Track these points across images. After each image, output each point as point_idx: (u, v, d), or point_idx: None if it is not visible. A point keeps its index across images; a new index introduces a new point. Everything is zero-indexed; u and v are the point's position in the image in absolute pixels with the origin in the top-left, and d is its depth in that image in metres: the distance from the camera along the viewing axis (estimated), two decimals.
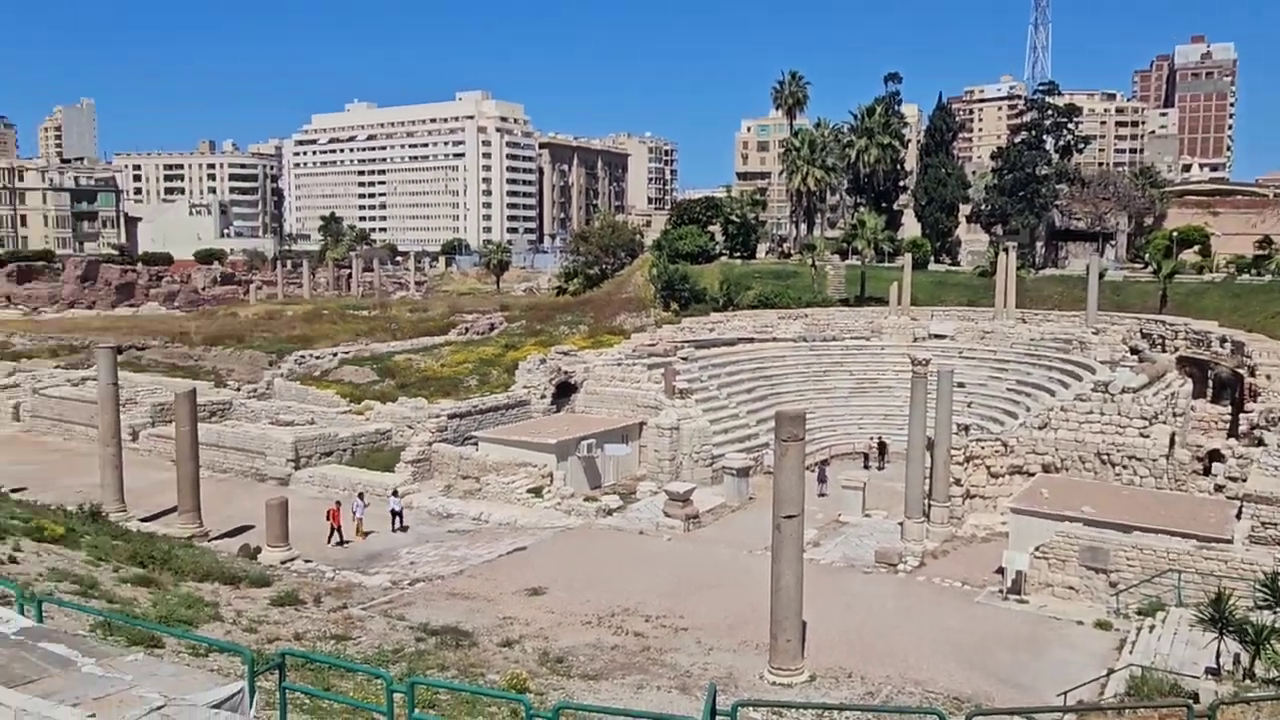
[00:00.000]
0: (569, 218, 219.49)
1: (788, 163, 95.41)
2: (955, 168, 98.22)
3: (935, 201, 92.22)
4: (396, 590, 27.37)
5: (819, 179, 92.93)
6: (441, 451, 42.23)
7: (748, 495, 40.24)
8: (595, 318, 72.27)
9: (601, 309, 75.28)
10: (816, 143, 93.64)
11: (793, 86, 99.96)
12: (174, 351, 67.36)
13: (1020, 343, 55.81)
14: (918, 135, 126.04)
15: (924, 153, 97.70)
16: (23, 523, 24.63)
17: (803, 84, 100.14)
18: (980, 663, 22.84)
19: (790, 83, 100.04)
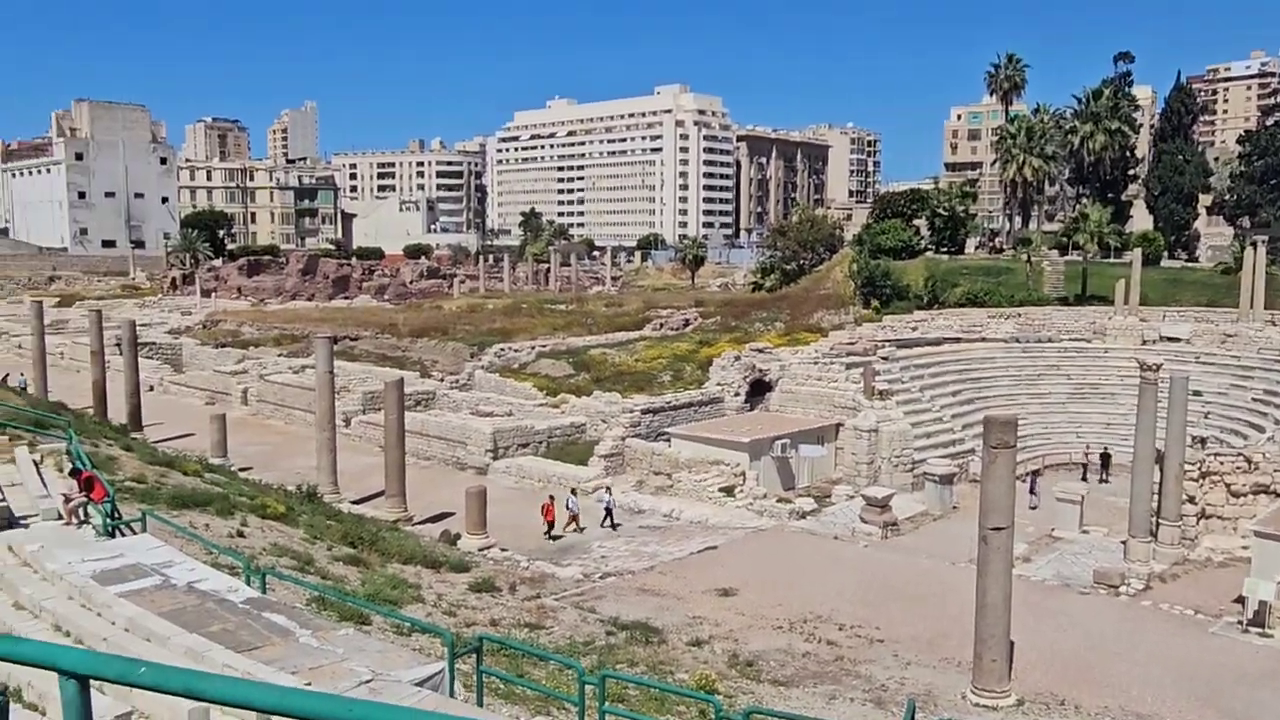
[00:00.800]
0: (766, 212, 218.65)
1: (1002, 152, 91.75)
2: (1195, 154, 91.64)
3: (1170, 191, 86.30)
4: (588, 583, 28.10)
5: (1036, 168, 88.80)
6: (634, 447, 43.05)
7: (950, 504, 39.19)
8: (791, 315, 71.73)
9: (798, 306, 74.61)
10: (1035, 130, 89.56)
11: (1009, 70, 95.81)
12: (383, 342, 71.37)
13: (1270, 348, 51.47)
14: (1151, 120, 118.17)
15: (1158, 138, 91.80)
16: (249, 500, 26.94)
17: (1020, 67, 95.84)
18: (1214, 700, 21.22)
19: (1006, 66, 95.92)
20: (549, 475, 40.96)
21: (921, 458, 43.97)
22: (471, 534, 32.29)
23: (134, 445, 32.88)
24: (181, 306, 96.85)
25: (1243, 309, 58.50)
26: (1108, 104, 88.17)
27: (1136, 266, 64.39)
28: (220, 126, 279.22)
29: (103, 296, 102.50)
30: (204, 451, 39.89)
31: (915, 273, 76.15)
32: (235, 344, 73.08)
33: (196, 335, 76.95)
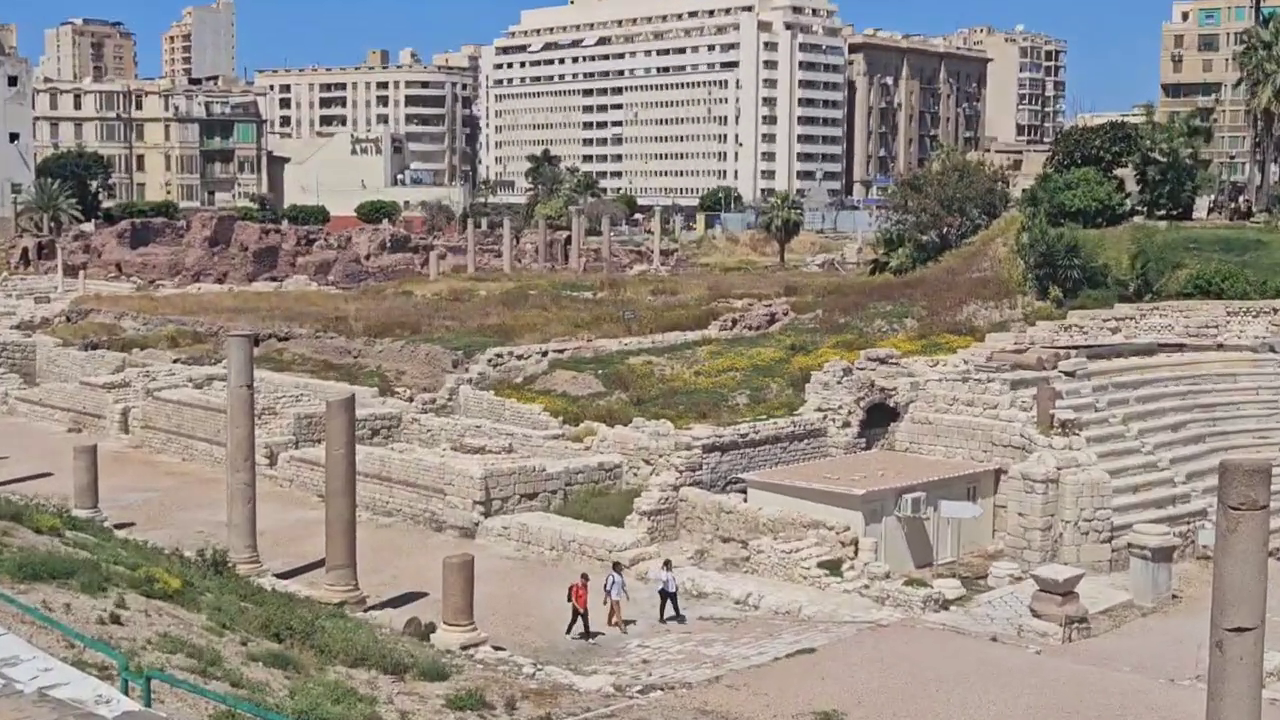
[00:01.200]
0: (893, 156, 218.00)
1: (1250, 68, 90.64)
2: None
3: None
4: (622, 699, 27.92)
5: None
6: (692, 500, 42.78)
7: (1168, 591, 38.60)
8: (930, 308, 71.19)
9: (940, 295, 74.03)
10: None
11: None
12: (327, 344, 71.27)
13: None
14: None
15: None
16: (129, 570, 27.10)
17: None
18: None
19: None
20: (566, 540, 40.81)
21: (1124, 521, 43.28)
22: (451, 625, 32.14)
23: None
24: (36, 290, 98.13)
25: None
26: None
27: None
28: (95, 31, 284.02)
29: None
30: (65, 499, 40.17)
31: (1118, 247, 75.35)
32: (113, 345, 73.39)
33: (57, 332, 77.67)
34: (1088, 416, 49.64)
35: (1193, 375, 55.19)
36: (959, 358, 54.26)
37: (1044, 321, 62.52)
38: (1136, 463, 48.44)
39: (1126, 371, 54.14)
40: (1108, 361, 54.31)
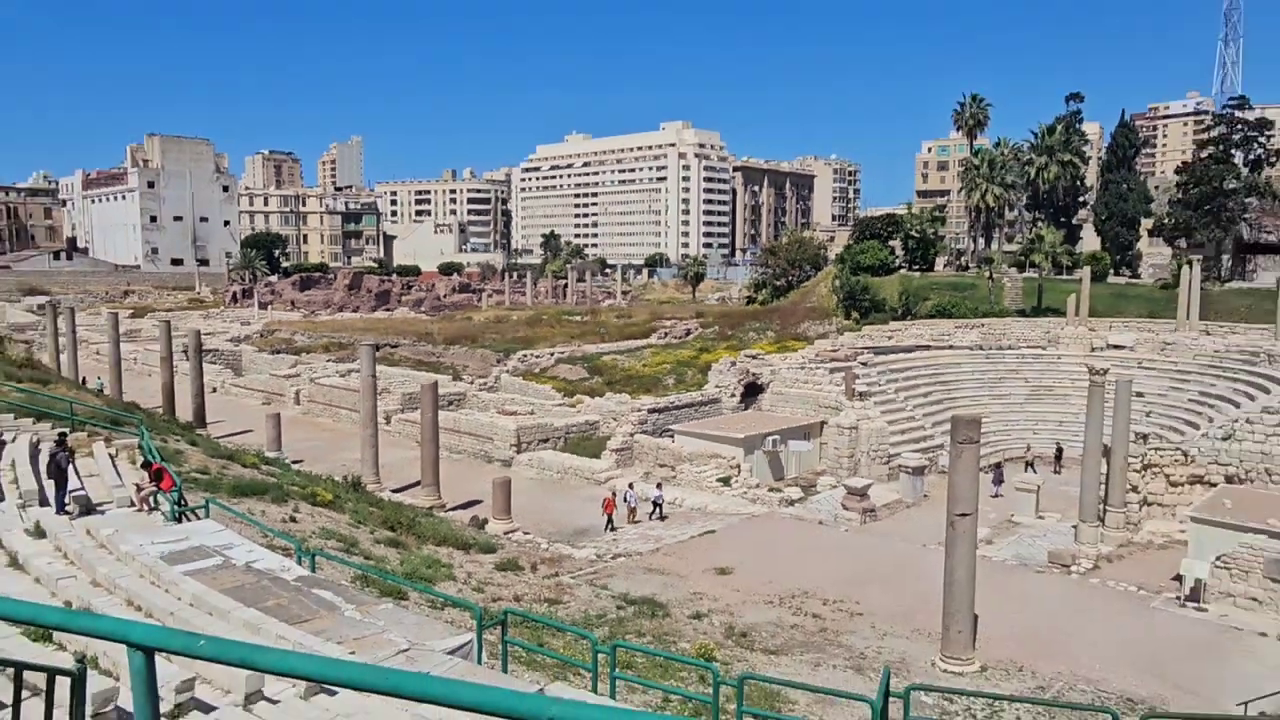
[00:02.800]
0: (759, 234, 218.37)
1: (967, 181, 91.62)
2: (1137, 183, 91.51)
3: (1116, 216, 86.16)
4: (601, 563, 28.07)
5: (998, 195, 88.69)
6: (641, 442, 43.03)
7: (922, 493, 39.07)
8: (781, 325, 71.70)
9: (787, 317, 74.57)
10: (996, 161, 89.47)
11: (973, 108, 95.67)
12: (420, 349, 71.46)
13: (1203, 355, 51.24)
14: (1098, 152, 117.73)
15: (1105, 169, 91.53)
16: (300, 489, 26.97)
17: (983, 105, 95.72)
18: (1155, 667, 21.10)
19: (971, 104, 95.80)
20: (566, 467, 40.94)
21: (896, 452, 43.76)
22: (497, 519, 32.28)
23: (199, 441, 32.97)
24: (241, 318, 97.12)
25: (1180, 320, 58.20)
26: (1060, 138, 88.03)
27: (1086, 282, 64.18)
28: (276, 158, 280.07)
29: (171, 309, 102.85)
30: (261, 446, 39.93)
31: (891, 288, 76.06)
32: (289, 350, 73.21)
33: (254, 343, 77.13)
34: (874, 389, 50.17)
35: (935, 364, 55.65)
36: (799, 355, 54.65)
37: (849, 333, 63.16)
38: (903, 416, 49.02)
39: (896, 361, 54.58)
40: (886, 356, 54.79)
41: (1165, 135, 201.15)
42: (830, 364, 51.35)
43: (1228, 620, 24.44)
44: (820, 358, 52.73)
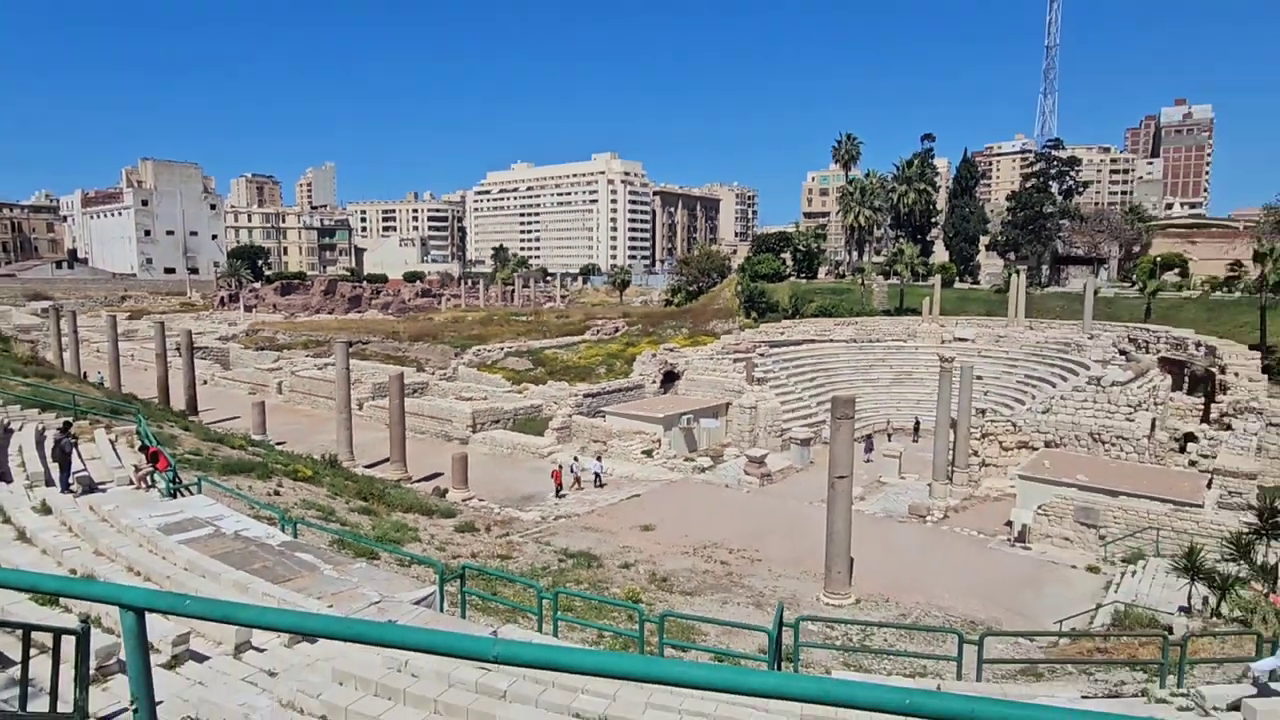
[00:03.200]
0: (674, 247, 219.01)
1: (844, 204, 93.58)
2: (977, 208, 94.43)
3: (960, 234, 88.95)
4: (545, 524, 27.89)
5: (868, 217, 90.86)
6: (578, 421, 42.85)
7: (809, 460, 39.66)
8: (694, 323, 72.15)
9: (698, 317, 75.09)
10: (867, 189, 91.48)
11: (848, 145, 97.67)
12: (388, 345, 69.71)
13: (1028, 345, 53.33)
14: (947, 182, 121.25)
15: (952, 196, 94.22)
16: (283, 466, 26.07)
17: (856, 143, 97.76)
18: (991, 595, 21.99)
19: (846, 142, 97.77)
20: (515, 444, 40.50)
21: (788, 427, 44.40)
22: (456, 489, 31.78)
23: (191, 426, 31.57)
24: (229, 319, 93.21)
25: (1010, 318, 60.17)
26: (917, 171, 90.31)
27: (937, 288, 66.02)
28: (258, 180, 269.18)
29: (165, 312, 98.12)
30: (248, 430, 38.49)
31: (783, 292, 77.18)
32: (272, 347, 70.60)
33: (241, 341, 74.11)
34: (770, 375, 50.82)
35: (819, 354, 56.44)
36: (708, 348, 54.95)
37: (749, 329, 63.75)
38: (793, 397, 49.68)
39: (788, 352, 55.20)
40: (779, 348, 55.44)
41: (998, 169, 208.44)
42: (734, 355, 51.85)
43: (1046, 556, 25.60)
44: (726, 350, 53.22)
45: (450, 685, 8.39)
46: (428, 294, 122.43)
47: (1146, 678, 14.28)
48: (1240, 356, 42.51)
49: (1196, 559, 19.68)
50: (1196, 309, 61.69)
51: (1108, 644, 16.83)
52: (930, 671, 15.55)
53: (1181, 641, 14.44)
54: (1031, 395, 45.68)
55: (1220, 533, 23.34)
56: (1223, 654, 15.65)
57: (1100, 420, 35.72)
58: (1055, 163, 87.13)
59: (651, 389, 49.81)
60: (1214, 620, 18.37)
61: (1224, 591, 18.82)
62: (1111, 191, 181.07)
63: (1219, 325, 55.39)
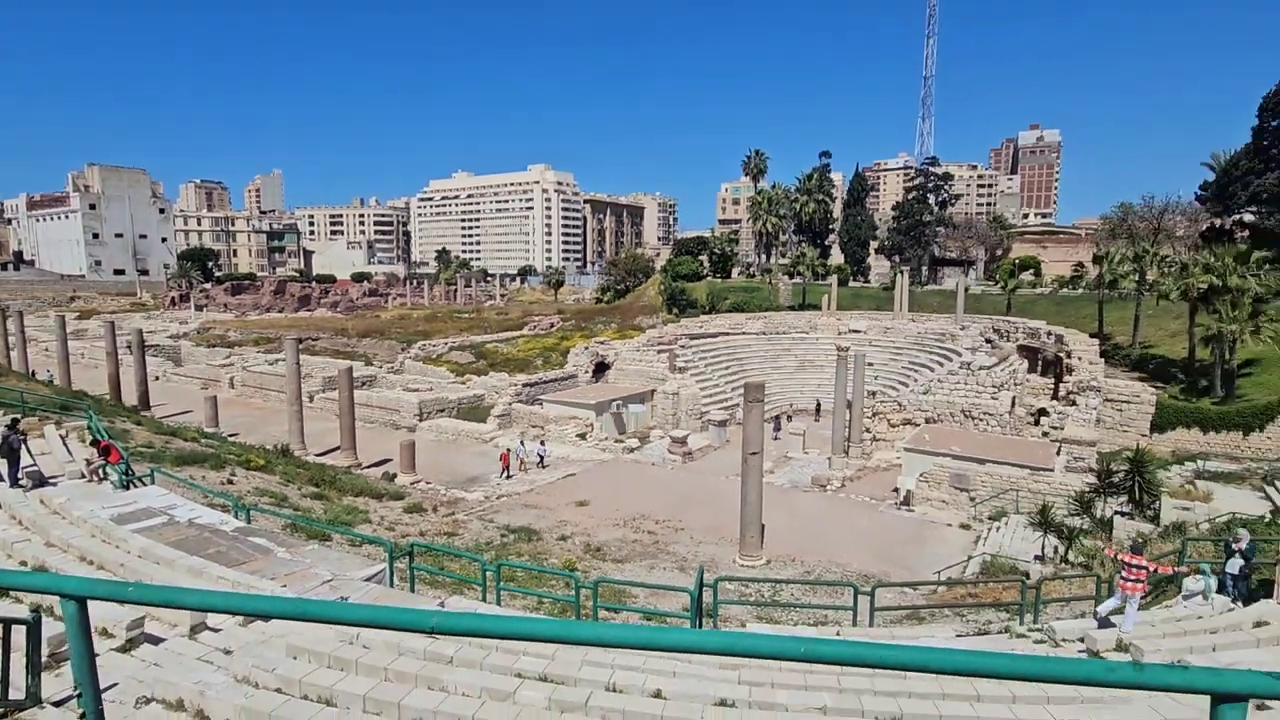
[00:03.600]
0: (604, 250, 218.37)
1: (753, 213, 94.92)
2: (867, 216, 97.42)
3: (854, 239, 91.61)
4: (488, 503, 27.51)
5: (775, 224, 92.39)
6: (518, 409, 42.34)
7: (725, 439, 40.09)
8: (622, 319, 72.20)
9: (626, 313, 75.19)
10: (773, 199, 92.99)
11: (757, 160, 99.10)
12: (337, 342, 67.32)
13: (911, 336, 55.29)
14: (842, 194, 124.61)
15: (846, 206, 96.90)
16: (236, 457, 24.88)
17: (764, 158, 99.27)
18: (881, 552, 22.84)
19: (755, 157, 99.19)
20: (459, 431, 39.73)
21: (706, 410, 44.79)
22: (404, 473, 30.99)
23: (144, 421, 29.76)
24: (179, 318, 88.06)
25: (896, 312, 62.11)
26: (816, 183, 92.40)
27: (834, 286, 67.82)
28: (207, 186, 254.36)
29: (115, 311, 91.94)
30: (200, 424, 36.50)
31: (701, 290, 77.95)
32: (223, 345, 67.11)
33: (193, 339, 70.14)
34: (690, 364, 51.20)
35: (733, 345, 56.99)
36: (635, 340, 54.97)
37: (671, 324, 63.99)
38: (710, 384, 50.16)
39: (706, 344, 55.63)
40: (698, 340, 55.87)
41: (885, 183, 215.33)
42: (658, 347, 52.07)
43: (927, 517, 26.76)
44: (651, 343, 53.40)
45: (400, 654, 8.19)
46: (375, 293, 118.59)
47: (1009, 617, 15.13)
48: (1083, 343, 45.19)
49: (1048, 515, 20.95)
50: (1048, 304, 65.33)
51: (977, 589, 17.75)
52: (831, 620, 16.05)
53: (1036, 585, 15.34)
54: (914, 379, 47.33)
55: (1067, 492, 24.87)
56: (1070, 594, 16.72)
57: (970, 399, 37.44)
58: (932, 178, 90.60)
59: (584, 378, 49.62)
60: (1063, 566, 19.61)
61: (1070, 541, 20.08)
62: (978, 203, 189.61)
63: (1066, 317, 58.76)
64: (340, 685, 7.19)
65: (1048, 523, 20.73)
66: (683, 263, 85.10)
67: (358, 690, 7.06)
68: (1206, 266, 44.09)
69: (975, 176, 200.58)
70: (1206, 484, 25.16)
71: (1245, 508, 22.14)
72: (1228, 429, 36.77)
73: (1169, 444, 36.94)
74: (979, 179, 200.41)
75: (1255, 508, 22.31)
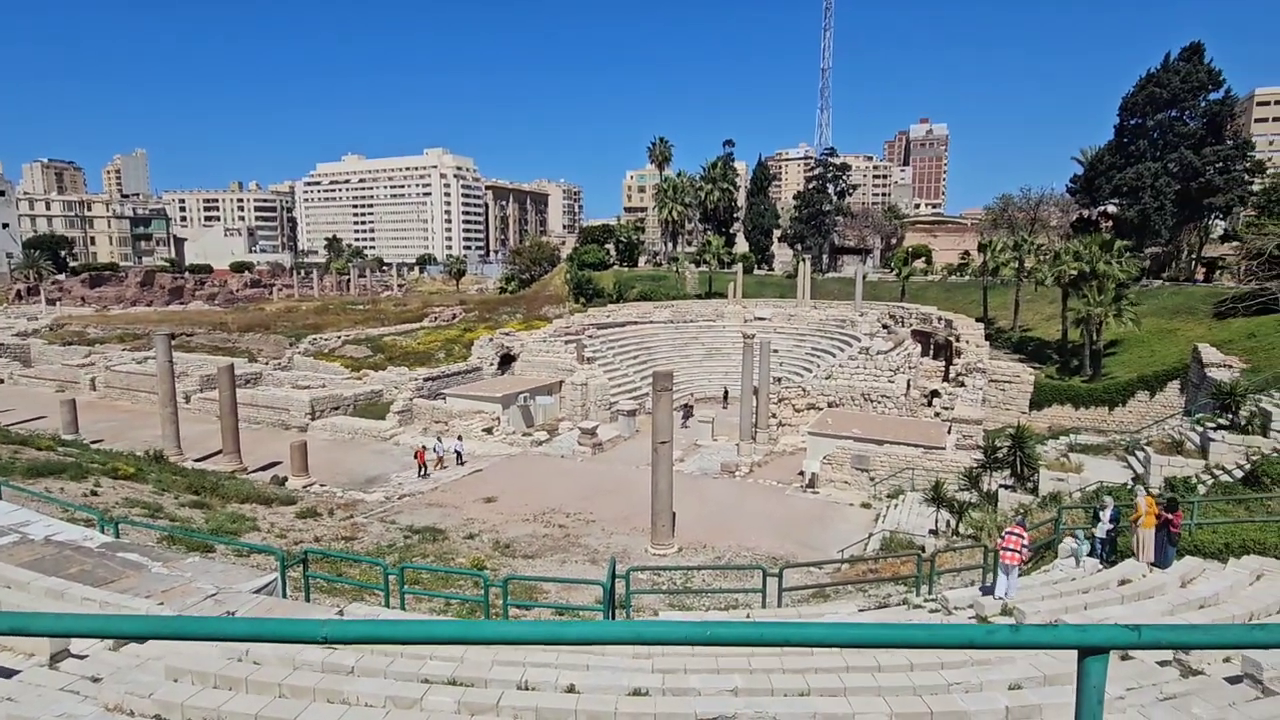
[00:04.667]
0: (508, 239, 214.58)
1: (659, 201, 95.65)
2: (770, 205, 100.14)
3: (758, 228, 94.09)
4: (390, 503, 26.60)
5: (680, 212, 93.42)
6: (419, 404, 41.11)
7: (634, 429, 40.39)
8: (527, 309, 71.28)
9: (531, 303, 74.27)
10: (678, 187, 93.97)
11: (661, 147, 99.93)
12: (216, 337, 62.95)
13: (813, 322, 57.39)
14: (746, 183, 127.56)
15: (750, 195, 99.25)
16: (101, 465, 22.91)
17: (668, 146, 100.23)
18: (789, 533, 23.68)
19: (660, 145, 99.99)
20: (356, 429, 38.13)
21: (615, 400, 44.93)
22: (296, 476, 29.40)
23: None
24: (28, 314, 79.72)
25: (799, 299, 64.27)
26: (720, 172, 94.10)
27: (739, 274, 69.42)
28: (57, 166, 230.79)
29: None
30: (57, 430, 33.29)
31: (608, 279, 77.98)
32: (82, 342, 61.28)
33: (44, 336, 63.69)
34: (598, 355, 51.22)
35: (641, 334, 57.37)
36: (542, 331, 54.41)
37: (578, 313, 63.80)
38: (619, 374, 50.38)
39: (614, 334, 55.78)
40: (606, 329, 55.94)
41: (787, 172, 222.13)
42: (565, 337, 51.76)
43: (831, 498, 27.99)
44: (558, 333, 53.01)
45: (296, 668, 7.81)
46: (258, 284, 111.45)
47: (907, 589, 16.09)
48: (970, 328, 48.42)
49: (941, 491, 22.38)
50: (938, 290, 69.60)
51: (878, 565, 18.77)
52: (741, 604, 16.54)
53: (931, 558, 16.39)
54: (817, 364, 49.17)
55: (957, 468, 26.64)
56: (960, 564, 17.95)
57: (869, 383, 39.36)
58: (831, 168, 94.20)
59: (490, 371, 48.71)
60: (954, 538, 21.02)
61: (960, 515, 21.56)
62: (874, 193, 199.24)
63: (954, 302, 62.87)
64: (228, 706, 6.78)
65: (940, 498, 22.17)
66: (589, 251, 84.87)
67: (248, 710, 6.69)
68: (1076, 254, 48.23)
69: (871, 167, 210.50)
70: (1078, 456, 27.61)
71: (1111, 476, 24.47)
72: (1095, 405, 40.46)
73: (1046, 420, 40.26)
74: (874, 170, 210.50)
75: (1119, 476, 24.69)
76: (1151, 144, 61.84)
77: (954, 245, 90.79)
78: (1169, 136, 60.70)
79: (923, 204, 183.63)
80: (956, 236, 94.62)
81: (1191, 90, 59.50)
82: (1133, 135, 63.11)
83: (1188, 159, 58.81)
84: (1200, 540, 14.18)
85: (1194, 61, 59.49)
